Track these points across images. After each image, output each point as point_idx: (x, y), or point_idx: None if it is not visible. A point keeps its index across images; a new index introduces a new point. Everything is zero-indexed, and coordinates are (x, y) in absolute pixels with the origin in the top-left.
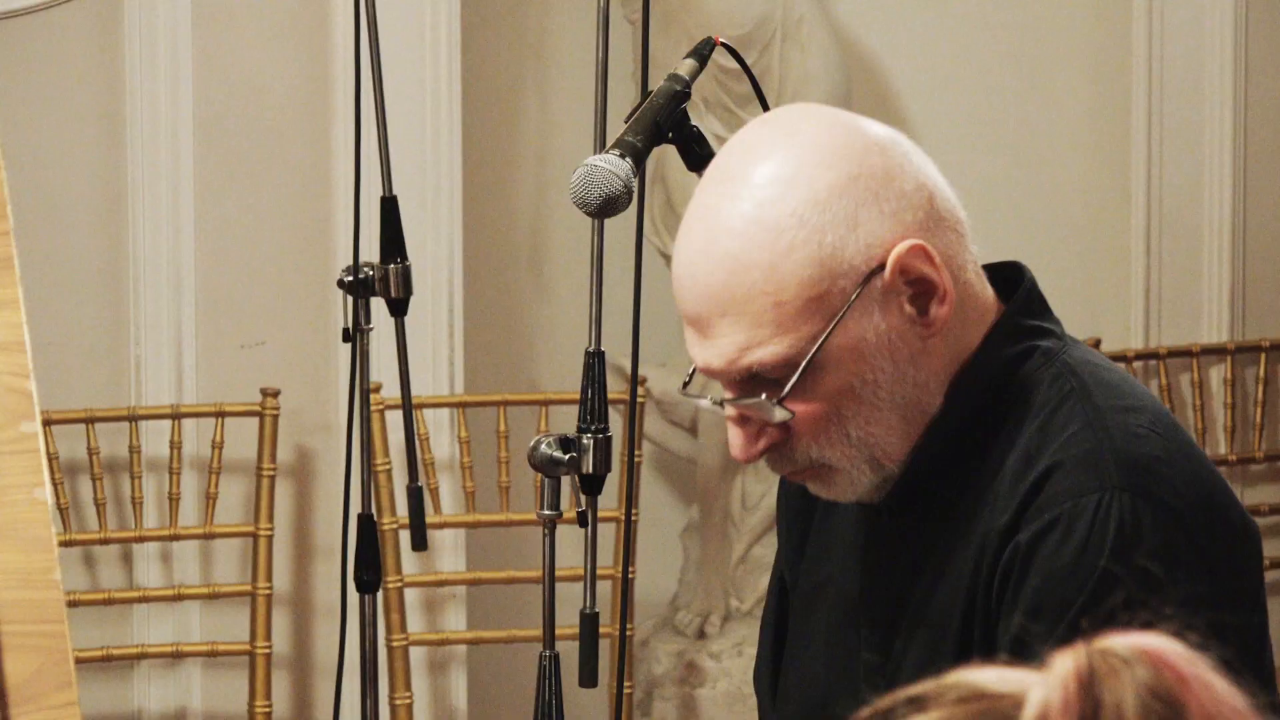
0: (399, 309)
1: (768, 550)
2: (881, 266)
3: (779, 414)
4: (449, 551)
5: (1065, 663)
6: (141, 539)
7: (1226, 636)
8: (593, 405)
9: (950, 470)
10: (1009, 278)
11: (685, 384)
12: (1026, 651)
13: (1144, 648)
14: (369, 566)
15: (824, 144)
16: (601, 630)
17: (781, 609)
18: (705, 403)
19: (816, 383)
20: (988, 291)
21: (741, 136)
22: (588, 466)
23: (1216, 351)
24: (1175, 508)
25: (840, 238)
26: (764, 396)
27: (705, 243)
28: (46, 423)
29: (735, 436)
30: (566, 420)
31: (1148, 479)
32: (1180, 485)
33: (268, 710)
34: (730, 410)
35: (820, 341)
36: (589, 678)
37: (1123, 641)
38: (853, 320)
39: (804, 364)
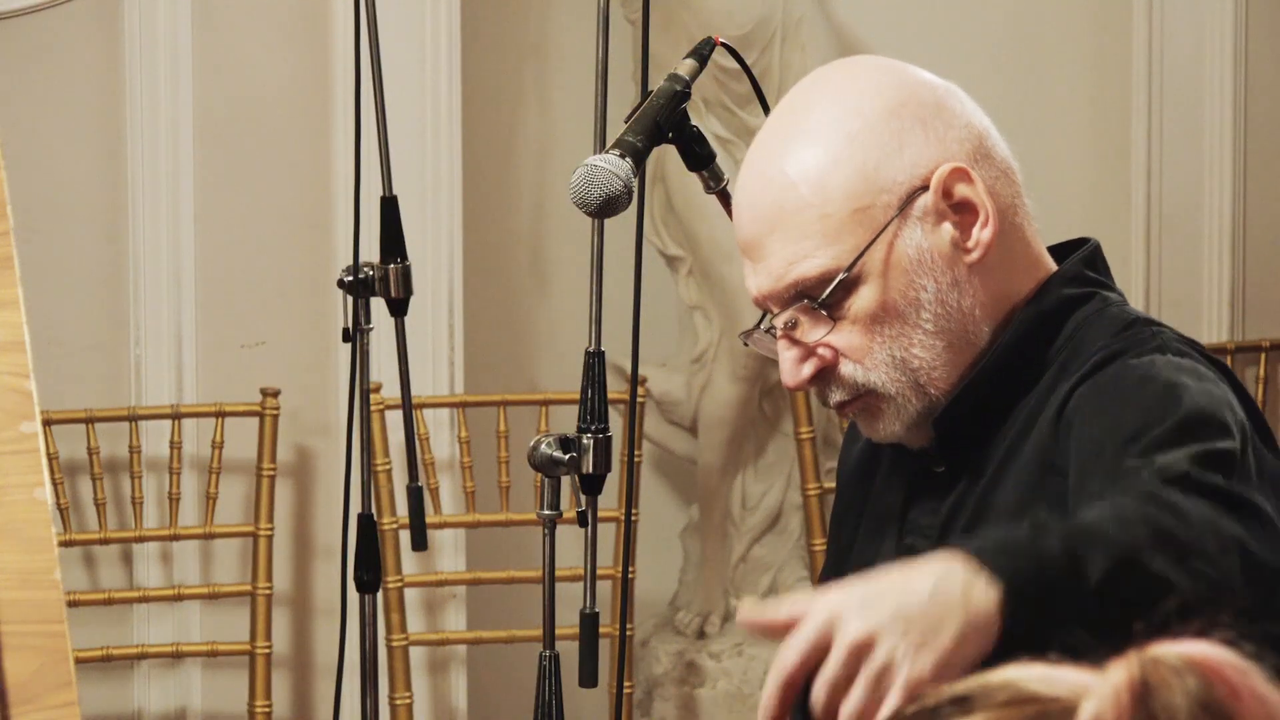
0: (399, 309)
1: (768, 550)
2: (925, 186)
3: (820, 324)
4: (449, 551)
5: (1118, 673)
6: (141, 539)
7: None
8: (593, 405)
9: (990, 420)
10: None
11: (746, 336)
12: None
13: (1195, 658)
14: (369, 566)
15: (877, 77)
16: (601, 630)
17: None
18: (760, 334)
19: (858, 295)
20: (1043, 250)
21: (803, 81)
22: (588, 466)
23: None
24: (1221, 366)
25: (886, 155)
26: (805, 302)
27: (763, 167)
28: (46, 423)
29: (785, 361)
30: (566, 420)
31: (1188, 353)
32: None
33: (268, 710)
34: (778, 327)
35: (861, 252)
36: (589, 678)
37: (1174, 650)
38: (895, 235)
39: (843, 273)
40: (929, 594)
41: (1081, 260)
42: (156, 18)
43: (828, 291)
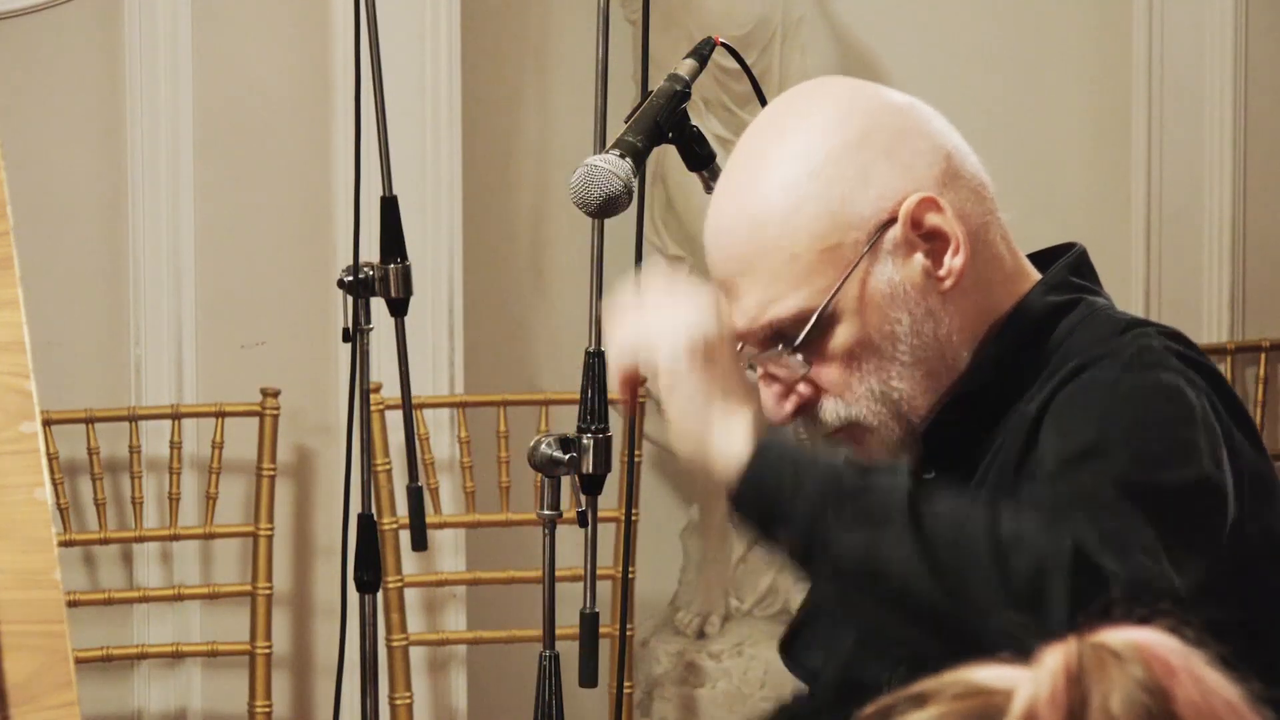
0: (399, 309)
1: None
2: (893, 219)
3: (797, 364)
4: (449, 551)
5: (1055, 657)
6: (141, 539)
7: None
8: (593, 405)
9: (976, 429)
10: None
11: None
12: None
13: (1135, 641)
14: (369, 566)
15: (839, 106)
16: (601, 630)
17: None
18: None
19: (834, 334)
20: (1022, 262)
21: (766, 110)
22: (588, 466)
23: (1216, 351)
24: (1199, 362)
25: (851, 191)
26: (780, 347)
27: (729, 207)
28: (46, 423)
29: (766, 397)
30: (566, 420)
31: (1175, 352)
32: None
33: (268, 710)
34: (758, 369)
35: (833, 292)
36: (589, 678)
37: (1115, 636)
38: (866, 271)
39: (817, 314)
40: (704, 428)
41: (1066, 267)
42: (156, 18)
43: (804, 334)
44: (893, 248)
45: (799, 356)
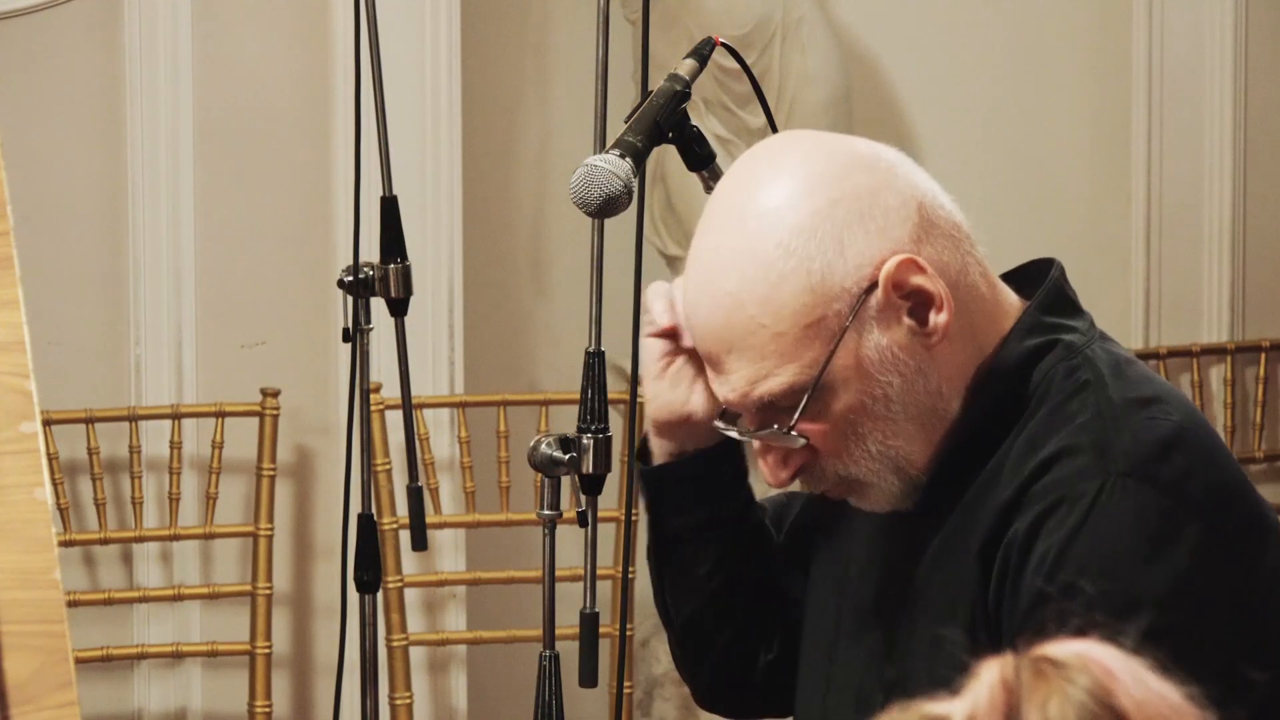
0: (399, 309)
1: None
2: (874, 285)
3: (795, 441)
4: (449, 551)
5: (991, 670)
6: (141, 539)
7: (1216, 633)
8: (593, 405)
9: (971, 466)
10: (1042, 273)
11: (722, 414)
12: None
13: (1077, 651)
14: (369, 566)
15: (806, 171)
16: (601, 630)
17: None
18: (734, 433)
19: (828, 405)
20: (1001, 293)
21: (731, 173)
22: (588, 466)
23: (1216, 351)
24: (1184, 493)
25: (829, 263)
26: (776, 427)
27: (704, 284)
28: (46, 423)
29: (764, 465)
30: (566, 420)
31: (1154, 464)
32: (1191, 469)
33: (268, 710)
34: (755, 441)
35: (823, 366)
36: (589, 678)
37: (1055, 649)
38: (853, 341)
39: (810, 390)
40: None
41: (1038, 307)
42: (156, 18)
43: (799, 412)
44: (877, 313)
45: (794, 431)
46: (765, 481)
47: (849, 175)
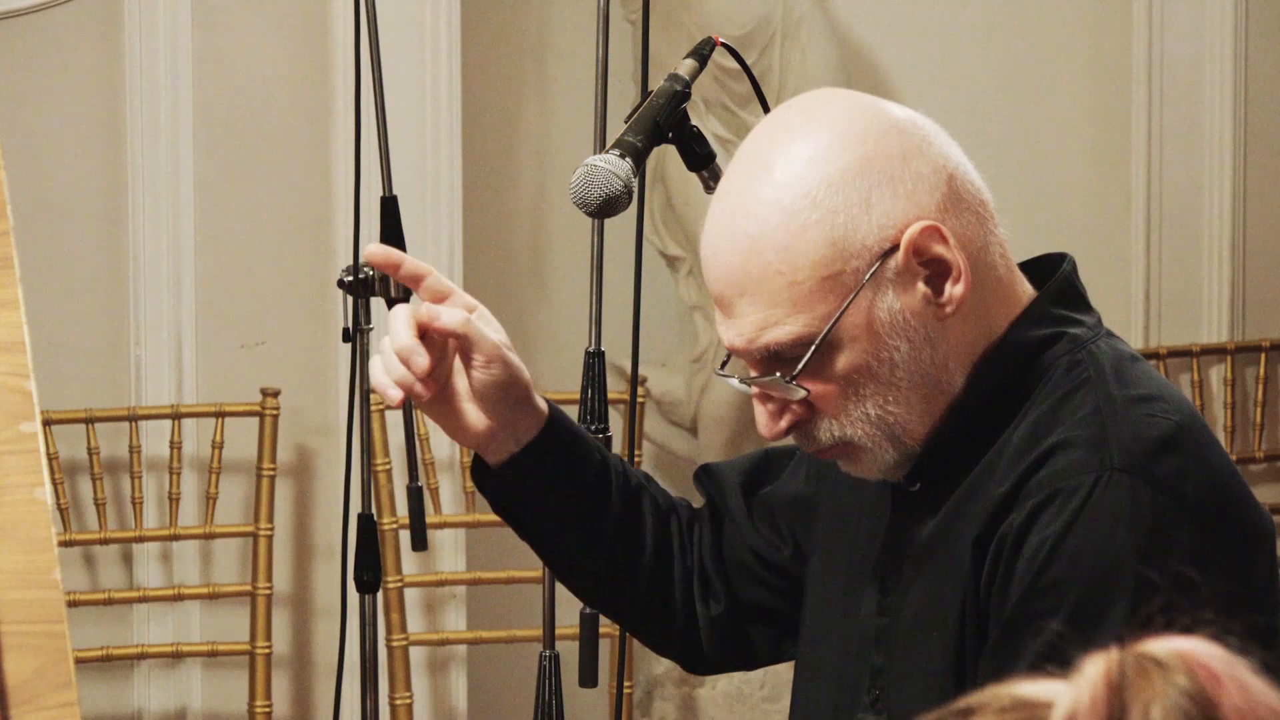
0: None
1: None
2: (895, 247)
3: (795, 392)
4: (449, 551)
5: (1096, 665)
6: (141, 539)
7: (1230, 632)
8: (593, 405)
9: (968, 448)
10: (1054, 267)
11: (723, 364)
12: (1022, 635)
13: (1179, 651)
14: (369, 566)
15: (841, 127)
16: (601, 630)
17: (770, 470)
18: (735, 381)
19: (832, 361)
20: (1017, 278)
21: (765, 122)
22: None
23: (1216, 351)
24: (1179, 492)
25: (853, 219)
26: (778, 375)
27: (726, 225)
28: (46, 423)
29: (760, 414)
30: None
31: (1151, 461)
32: (1188, 468)
33: (268, 710)
34: (754, 388)
35: (834, 320)
36: (589, 678)
37: (1158, 645)
38: (866, 300)
39: (817, 342)
40: None
41: (1049, 298)
42: (156, 18)
43: (803, 362)
44: (894, 276)
45: (795, 383)
46: (760, 433)
47: (884, 136)
